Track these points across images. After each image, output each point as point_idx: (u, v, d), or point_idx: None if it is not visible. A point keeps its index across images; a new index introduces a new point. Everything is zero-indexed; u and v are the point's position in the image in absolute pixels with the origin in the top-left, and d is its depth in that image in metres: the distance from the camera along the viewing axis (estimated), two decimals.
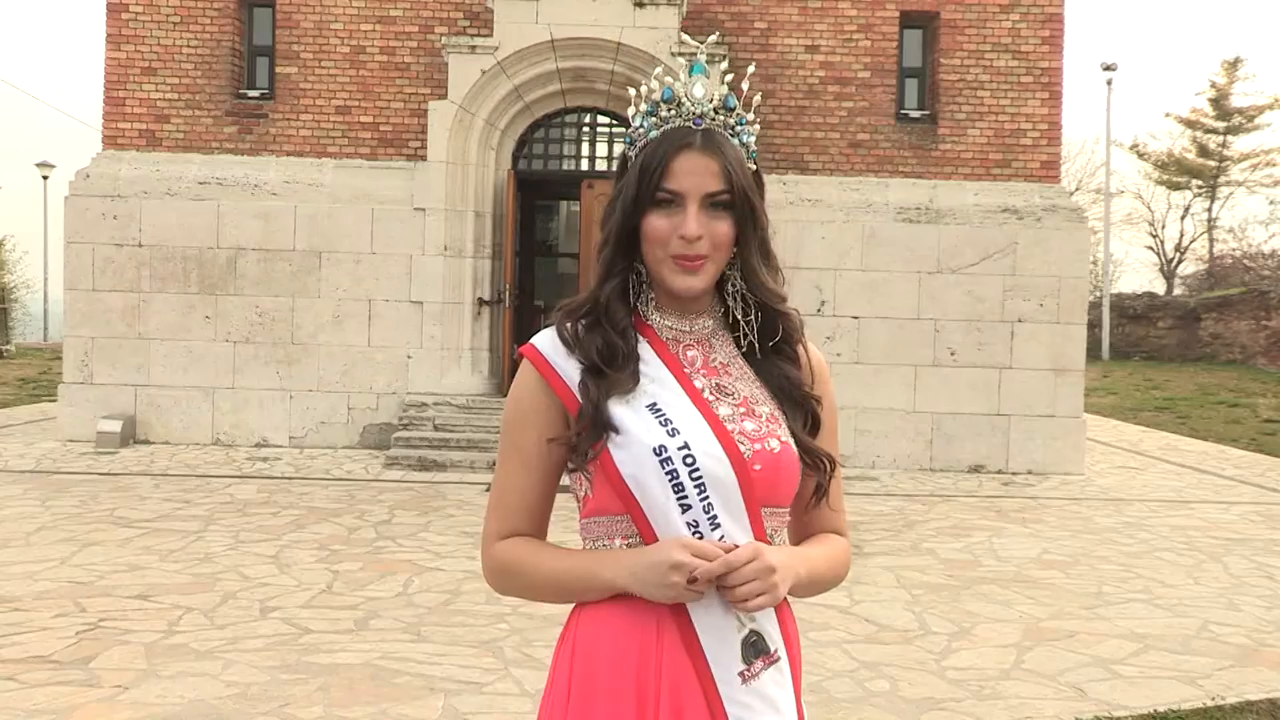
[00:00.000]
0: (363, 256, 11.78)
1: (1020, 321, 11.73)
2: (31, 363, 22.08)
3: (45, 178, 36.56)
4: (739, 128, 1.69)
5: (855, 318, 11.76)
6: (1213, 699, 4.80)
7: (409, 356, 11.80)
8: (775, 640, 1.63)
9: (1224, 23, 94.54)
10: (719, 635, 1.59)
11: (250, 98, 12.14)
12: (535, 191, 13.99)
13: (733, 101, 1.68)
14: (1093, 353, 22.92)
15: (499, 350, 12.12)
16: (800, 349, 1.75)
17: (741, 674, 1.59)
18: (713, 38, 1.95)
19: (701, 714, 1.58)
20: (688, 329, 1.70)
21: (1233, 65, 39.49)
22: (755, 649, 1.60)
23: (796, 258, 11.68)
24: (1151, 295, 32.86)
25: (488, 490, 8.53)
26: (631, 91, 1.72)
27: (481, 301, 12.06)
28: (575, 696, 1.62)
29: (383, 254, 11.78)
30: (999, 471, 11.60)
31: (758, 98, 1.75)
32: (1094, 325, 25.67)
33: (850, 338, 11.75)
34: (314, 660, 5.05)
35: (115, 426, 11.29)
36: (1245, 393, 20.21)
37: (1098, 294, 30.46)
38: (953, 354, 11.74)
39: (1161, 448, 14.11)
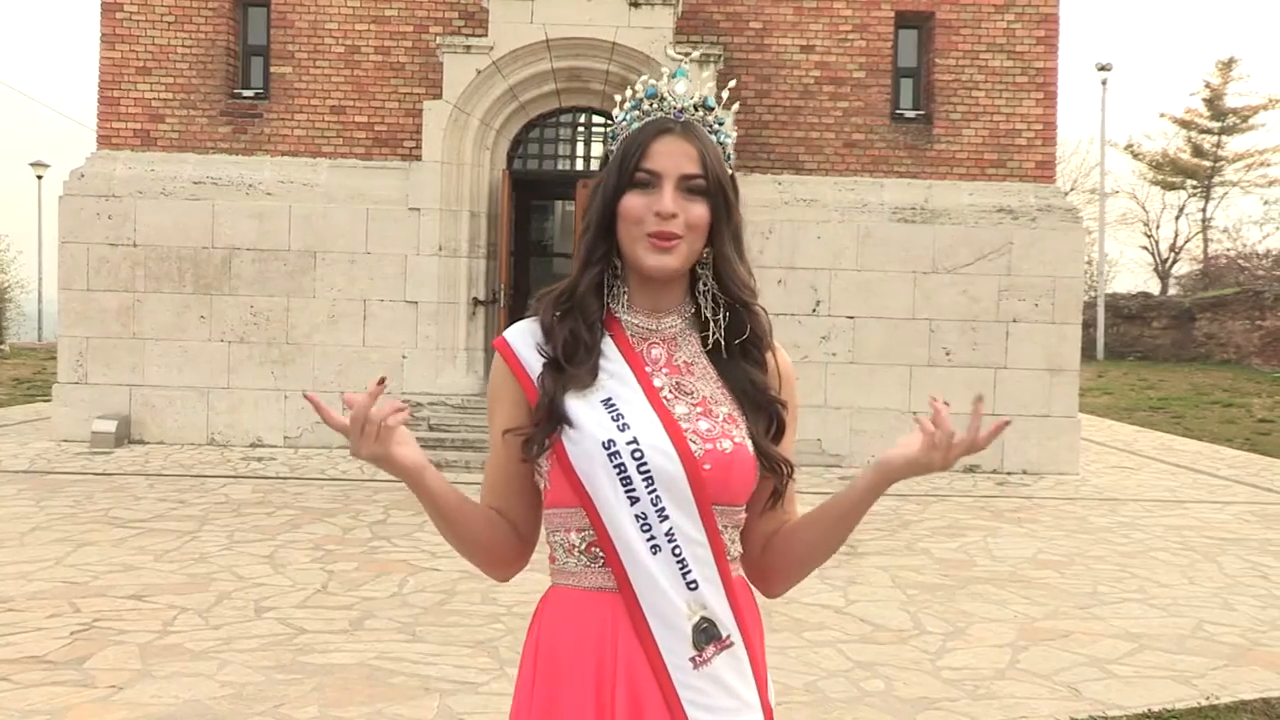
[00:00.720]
0: (358, 256, 11.77)
1: (1015, 321, 11.75)
2: (26, 363, 22.03)
3: (40, 177, 36.48)
4: (718, 128, 1.74)
5: (850, 318, 11.76)
6: (1207, 698, 4.81)
7: (404, 356, 11.79)
8: (728, 626, 1.66)
9: (1219, 23, 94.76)
10: (668, 623, 1.63)
11: (245, 97, 12.13)
12: (530, 191, 13.98)
13: (712, 102, 1.74)
14: (1087, 353, 22.95)
15: None
16: (769, 354, 1.78)
17: (693, 659, 1.63)
18: (696, 53, 2.03)
19: (655, 699, 1.62)
20: (654, 327, 1.74)
21: (1227, 65, 39.52)
22: (707, 635, 1.64)
23: (792, 258, 11.70)
24: (1146, 295, 32.88)
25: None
26: (618, 97, 1.78)
27: (477, 301, 12.06)
28: (540, 684, 1.67)
29: (378, 254, 11.77)
30: (994, 471, 11.61)
31: (736, 105, 1.82)
32: (1089, 325, 25.68)
33: (845, 337, 11.76)
34: (309, 660, 5.05)
35: (110, 426, 11.27)
36: (1240, 392, 20.24)
37: (1093, 294, 30.49)
38: (948, 354, 11.75)
39: (1156, 447, 14.13)
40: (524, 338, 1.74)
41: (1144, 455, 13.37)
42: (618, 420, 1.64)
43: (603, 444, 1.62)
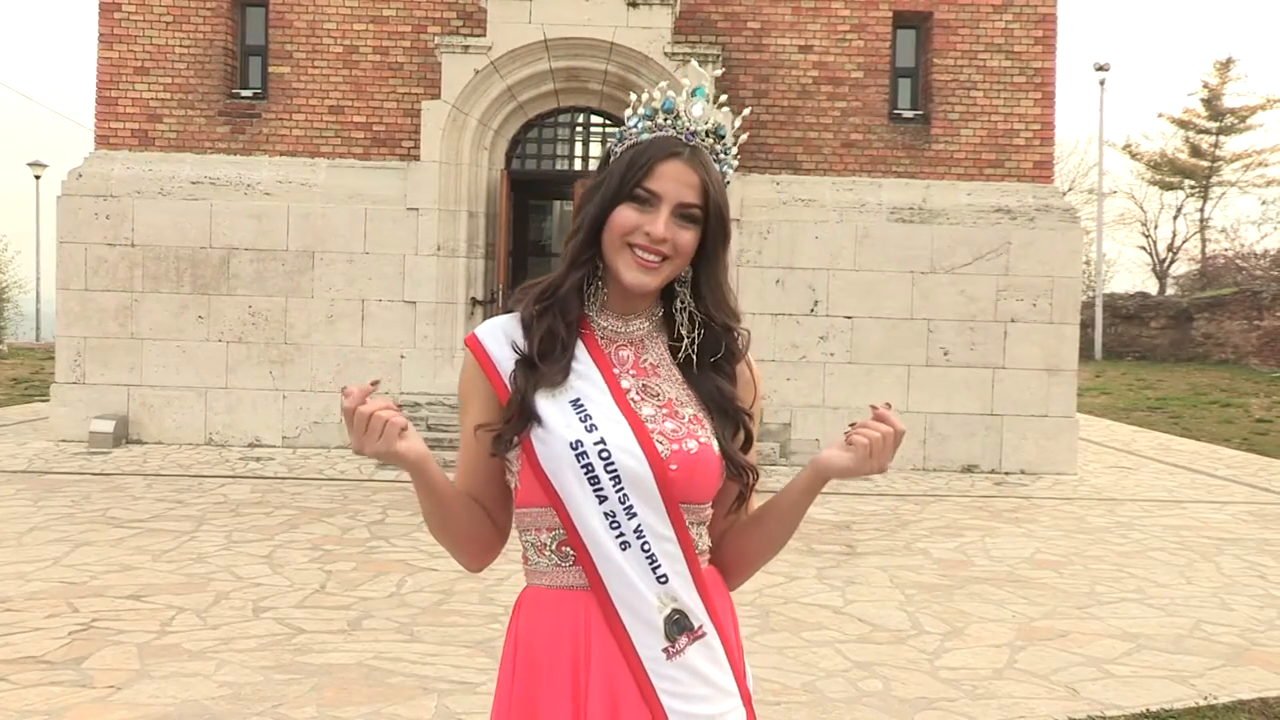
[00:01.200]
0: (356, 256, 11.77)
1: (1013, 321, 11.75)
2: (24, 363, 22.01)
3: (38, 177, 36.44)
4: (724, 157, 1.76)
5: (849, 318, 11.77)
6: (1205, 698, 4.82)
7: (402, 356, 11.79)
8: (699, 617, 1.70)
9: (1217, 23, 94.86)
10: (640, 616, 1.67)
11: (243, 97, 12.12)
12: (528, 191, 13.97)
13: (724, 132, 1.76)
14: (1085, 352, 22.98)
15: None
16: (742, 365, 1.81)
17: (666, 650, 1.67)
18: (718, 71, 2.07)
19: (631, 692, 1.65)
20: (622, 329, 1.77)
21: (1225, 65, 39.53)
22: (679, 626, 1.68)
23: (790, 257, 11.71)
24: (1144, 295, 32.87)
25: None
26: (633, 96, 1.79)
27: (475, 301, 12.06)
28: (518, 682, 1.71)
29: (376, 254, 11.77)
30: (992, 471, 11.62)
31: (744, 136, 1.85)
32: (1087, 325, 25.67)
33: (843, 338, 11.76)
34: (307, 660, 5.05)
35: (108, 426, 11.26)
36: (1237, 392, 20.26)
37: (1090, 294, 30.49)
38: (946, 354, 11.76)
39: (1154, 447, 14.14)
40: (495, 335, 1.76)
41: (1142, 455, 13.37)
42: (585, 421, 1.67)
43: (570, 444, 1.66)
